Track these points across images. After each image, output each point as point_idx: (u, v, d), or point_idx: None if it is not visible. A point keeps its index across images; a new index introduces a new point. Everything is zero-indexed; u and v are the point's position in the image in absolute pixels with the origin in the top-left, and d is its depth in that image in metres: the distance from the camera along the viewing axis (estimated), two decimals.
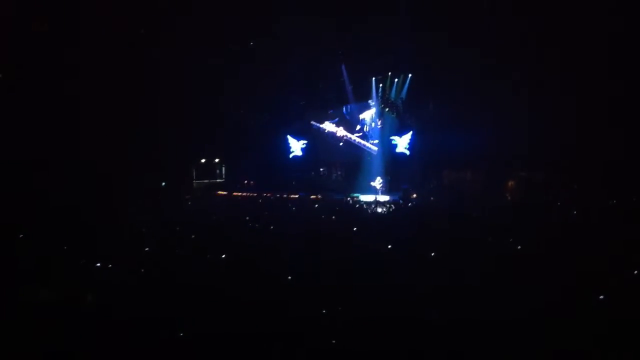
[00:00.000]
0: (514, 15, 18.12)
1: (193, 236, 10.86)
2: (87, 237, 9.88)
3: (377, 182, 23.59)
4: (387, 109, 24.15)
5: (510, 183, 21.56)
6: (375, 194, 22.74)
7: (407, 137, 24.04)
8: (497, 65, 19.14)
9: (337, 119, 26.20)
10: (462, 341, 5.11)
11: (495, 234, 10.64)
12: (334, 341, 5.12)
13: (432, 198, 21.22)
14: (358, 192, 22.95)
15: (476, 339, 5.10)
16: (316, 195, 22.75)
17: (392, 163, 24.15)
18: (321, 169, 26.84)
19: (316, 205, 18.83)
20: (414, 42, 19.77)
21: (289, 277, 7.12)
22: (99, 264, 7.65)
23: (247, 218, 14.21)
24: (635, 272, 7.14)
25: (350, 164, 25.87)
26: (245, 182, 27.08)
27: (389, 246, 9.32)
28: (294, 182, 25.20)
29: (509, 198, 20.74)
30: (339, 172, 26.45)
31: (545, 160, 19.94)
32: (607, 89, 17.68)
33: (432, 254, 8.60)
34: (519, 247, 9.45)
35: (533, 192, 19.91)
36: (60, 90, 18.67)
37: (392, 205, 18.72)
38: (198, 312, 5.59)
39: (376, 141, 25.01)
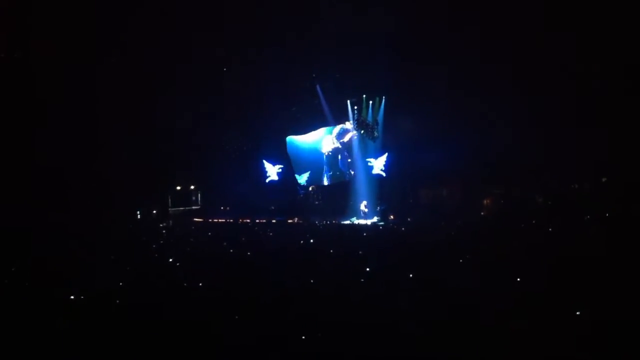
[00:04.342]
0: (486, 37, 18.60)
1: (170, 261, 10.68)
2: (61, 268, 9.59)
3: (363, 206, 23.50)
4: (362, 131, 24.30)
5: (486, 201, 21.84)
6: (360, 218, 22.79)
7: (382, 159, 24.22)
8: (472, 85, 19.59)
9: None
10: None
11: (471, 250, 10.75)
12: None
13: (409, 219, 21.37)
14: (341, 216, 22.89)
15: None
16: (294, 219, 22.61)
17: (369, 185, 24.22)
18: (300, 193, 26.77)
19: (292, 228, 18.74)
20: (389, 64, 20.11)
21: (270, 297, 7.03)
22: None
23: (225, 244, 14.04)
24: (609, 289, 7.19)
25: (328, 187, 25.91)
26: (222, 208, 26.79)
27: (367, 269, 9.25)
28: (271, 207, 25.01)
29: (484, 215, 21.05)
30: (317, 196, 26.38)
31: (521, 177, 20.32)
32: (579, 107, 18.21)
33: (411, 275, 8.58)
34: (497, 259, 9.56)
35: (508, 210, 20.20)
36: (29, 127, 18.41)
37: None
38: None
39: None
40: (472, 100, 20.03)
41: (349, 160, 25.48)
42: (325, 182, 26.19)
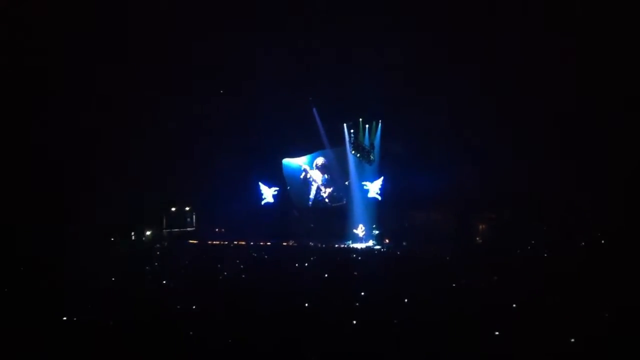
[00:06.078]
0: (482, 66, 18.90)
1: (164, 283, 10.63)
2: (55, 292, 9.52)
3: (360, 230, 23.45)
4: (358, 155, 24.38)
5: (481, 226, 21.86)
6: (356, 241, 22.74)
7: (378, 183, 24.25)
8: (468, 111, 19.85)
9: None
10: None
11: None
12: None
13: (404, 243, 21.38)
14: (336, 239, 22.89)
15: None
16: (289, 242, 22.54)
17: (365, 208, 24.21)
18: (295, 214, 26.74)
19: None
20: (387, 88, 20.34)
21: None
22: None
23: (219, 266, 14.02)
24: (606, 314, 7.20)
25: (323, 210, 25.92)
26: (217, 230, 26.67)
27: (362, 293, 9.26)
28: (267, 229, 24.90)
29: (479, 240, 21.09)
30: (312, 218, 26.33)
31: (513, 202, 20.42)
32: (570, 134, 18.43)
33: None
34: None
35: (501, 234, 20.26)
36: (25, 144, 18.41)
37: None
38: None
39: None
40: (469, 126, 20.25)
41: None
42: (320, 205, 26.38)
